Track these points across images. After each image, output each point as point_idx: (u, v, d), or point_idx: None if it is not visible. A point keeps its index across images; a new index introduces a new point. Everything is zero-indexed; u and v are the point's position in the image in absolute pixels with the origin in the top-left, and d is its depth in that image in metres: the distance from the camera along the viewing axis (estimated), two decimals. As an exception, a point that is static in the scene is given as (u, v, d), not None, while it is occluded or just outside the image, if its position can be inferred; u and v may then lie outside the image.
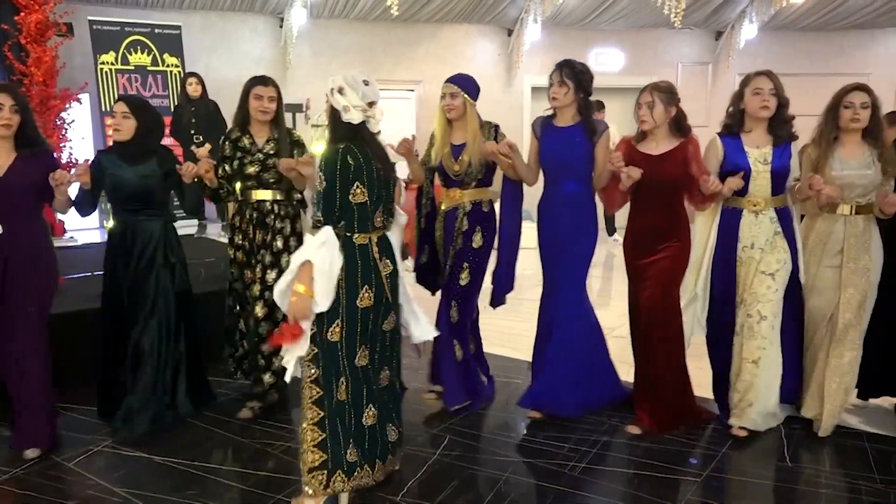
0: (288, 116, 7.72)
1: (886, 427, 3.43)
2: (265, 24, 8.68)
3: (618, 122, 7.49)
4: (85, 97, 7.31)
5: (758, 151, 3.23)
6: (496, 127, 3.53)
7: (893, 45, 9.78)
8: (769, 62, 9.53)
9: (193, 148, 6.09)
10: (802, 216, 3.46)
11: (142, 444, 3.21)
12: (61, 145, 6.85)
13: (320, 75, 8.72)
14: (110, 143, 4.18)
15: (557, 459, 3.10)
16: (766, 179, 3.22)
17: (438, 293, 3.67)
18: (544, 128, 3.47)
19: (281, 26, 8.56)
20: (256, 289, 3.47)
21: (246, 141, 3.47)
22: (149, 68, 7.42)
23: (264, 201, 3.48)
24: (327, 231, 2.51)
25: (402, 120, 8.74)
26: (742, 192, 3.24)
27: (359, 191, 2.54)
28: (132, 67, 7.35)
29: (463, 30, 9.37)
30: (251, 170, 3.44)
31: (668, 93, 3.23)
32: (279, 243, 3.48)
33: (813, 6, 9.02)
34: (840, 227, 3.24)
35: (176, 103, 6.92)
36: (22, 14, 6.63)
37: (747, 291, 3.28)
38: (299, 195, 3.52)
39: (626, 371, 3.64)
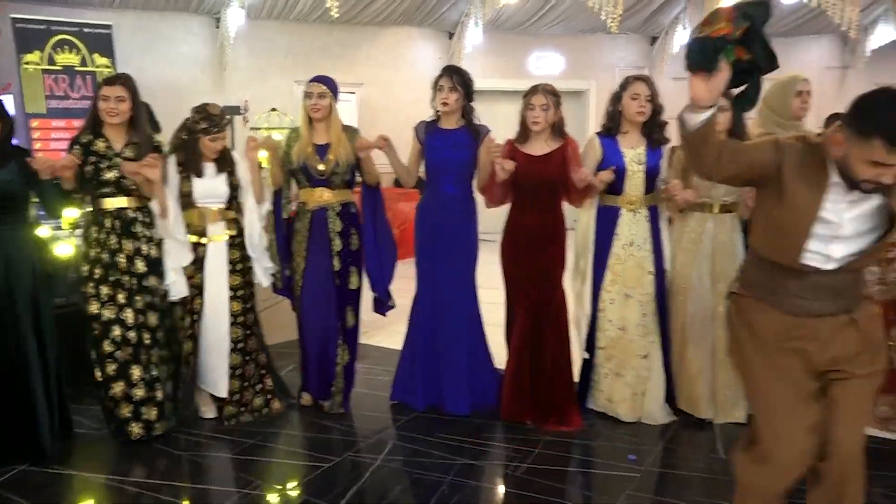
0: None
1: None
2: (200, 24, 8.47)
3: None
4: (8, 98, 6.99)
5: (633, 152, 3.37)
6: (356, 131, 3.56)
7: (812, 51, 10.20)
8: (701, 67, 9.87)
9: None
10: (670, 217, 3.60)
11: (71, 463, 3.08)
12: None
13: (258, 77, 8.57)
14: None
15: (501, 460, 3.12)
16: (641, 179, 3.36)
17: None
18: (429, 131, 3.54)
19: (217, 27, 8.38)
20: (130, 315, 3.18)
21: (100, 144, 3.19)
22: (77, 69, 7.13)
23: (126, 209, 3.23)
24: None
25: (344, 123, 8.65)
26: (618, 191, 3.38)
27: None
28: (59, 68, 7.06)
29: (404, 32, 9.35)
30: (109, 175, 3.17)
31: (556, 95, 3.35)
32: (153, 252, 3.29)
33: (742, 14, 9.35)
34: (711, 225, 3.39)
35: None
36: (-62, 11, 6.29)
37: (634, 289, 3.39)
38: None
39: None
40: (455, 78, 3.45)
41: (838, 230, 1.93)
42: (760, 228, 2.07)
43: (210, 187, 3.40)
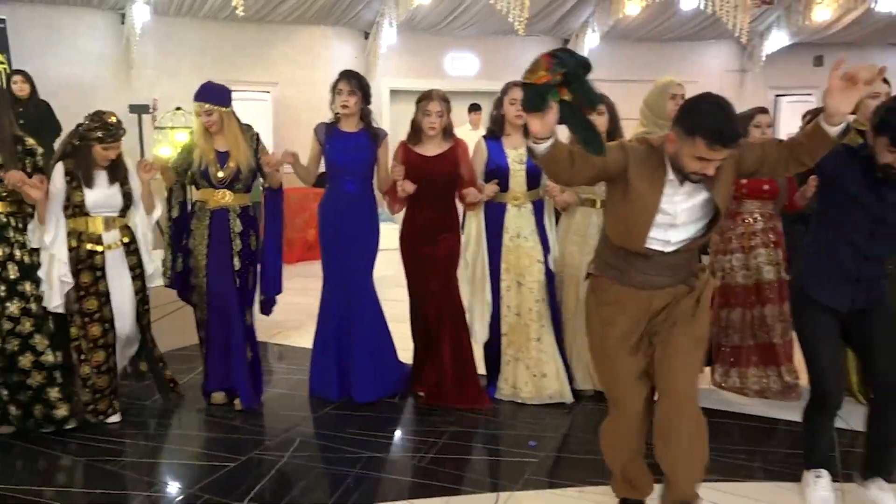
0: (133, 118, 7.39)
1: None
2: (104, 20, 8.18)
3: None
4: None
5: (515, 152, 3.59)
6: (257, 135, 3.59)
7: (714, 55, 10.78)
8: (611, 69, 10.19)
9: None
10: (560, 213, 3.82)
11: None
12: None
13: (168, 75, 8.35)
14: None
15: (407, 452, 3.20)
16: (522, 177, 3.60)
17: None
18: (329, 133, 3.66)
19: (123, 23, 8.12)
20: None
21: None
22: (-32, 65, 6.80)
23: None
24: None
25: (258, 122, 8.50)
26: (504, 188, 3.60)
27: None
28: (-51, 64, 6.72)
29: (319, 32, 9.30)
30: None
31: (448, 101, 3.61)
32: (26, 258, 3.24)
33: (646, 18, 9.74)
34: (595, 219, 3.60)
35: (1, 103, 6.37)
36: None
37: (525, 276, 3.61)
38: (30, 208, 3.27)
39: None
40: (353, 82, 3.57)
41: (674, 220, 2.24)
42: (611, 220, 2.38)
43: (104, 197, 3.36)
